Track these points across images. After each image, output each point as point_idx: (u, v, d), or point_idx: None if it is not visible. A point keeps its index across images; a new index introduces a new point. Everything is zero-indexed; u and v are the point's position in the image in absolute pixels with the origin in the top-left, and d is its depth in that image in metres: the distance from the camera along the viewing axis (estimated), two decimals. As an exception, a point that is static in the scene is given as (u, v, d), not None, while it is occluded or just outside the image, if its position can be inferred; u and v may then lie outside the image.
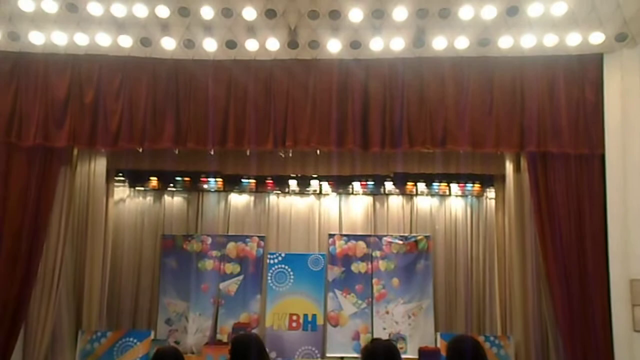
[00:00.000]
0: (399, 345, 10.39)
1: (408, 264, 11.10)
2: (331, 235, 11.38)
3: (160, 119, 8.80)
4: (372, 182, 11.28)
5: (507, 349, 9.61)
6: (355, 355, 10.06)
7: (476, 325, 10.80)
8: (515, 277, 9.73)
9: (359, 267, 11.20)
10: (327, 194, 11.52)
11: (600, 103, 8.59)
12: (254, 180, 11.33)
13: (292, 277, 11.17)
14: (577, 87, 8.64)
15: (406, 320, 10.86)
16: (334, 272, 11.20)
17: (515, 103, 8.65)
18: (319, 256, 11.28)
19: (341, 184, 11.35)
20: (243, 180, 11.32)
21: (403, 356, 9.67)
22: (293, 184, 11.36)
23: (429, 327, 10.75)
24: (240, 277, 11.19)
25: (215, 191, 11.45)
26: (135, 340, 9.72)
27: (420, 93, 8.72)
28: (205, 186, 11.33)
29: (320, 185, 11.41)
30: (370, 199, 11.48)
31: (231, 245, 11.32)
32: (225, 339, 10.45)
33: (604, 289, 8.35)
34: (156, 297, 10.99)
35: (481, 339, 9.92)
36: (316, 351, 10.74)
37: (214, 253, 11.26)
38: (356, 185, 11.34)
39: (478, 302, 10.95)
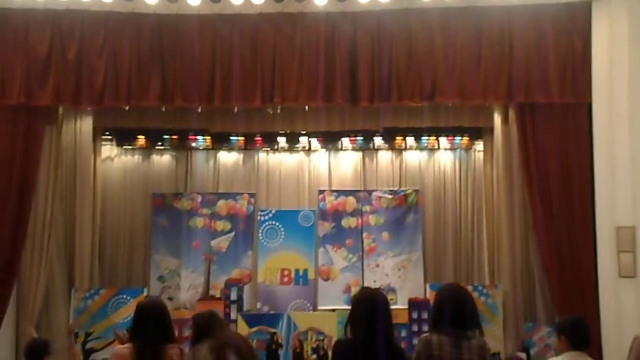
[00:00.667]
0: (389, 297, 10.56)
1: (397, 217, 11.17)
2: (321, 191, 11.40)
3: (146, 75, 8.70)
4: (361, 138, 11.24)
5: (495, 297, 9.77)
6: (347, 307, 10.21)
7: (465, 276, 10.93)
8: (503, 228, 9.86)
9: (349, 222, 11.27)
10: (317, 150, 11.49)
11: (588, 52, 8.56)
12: (242, 138, 11.25)
13: (282, 233, 11.23)
14: (565, 36, 8.59)
15: (396, 272, 10.99)
16: (325, 227, 11.27)
17: (504, 54, 8.62)
18: (309, 212, 11.33)
19: (330, 140, 11.32)
20: (231, 137, 11.25)
21: (393, 306, 9.86)
22: (282, 140, 11.31)
23: (418, 278, 10.88)
24: (231, 234, 11.23)
25: (204, 149, 11.38)
26: (128, 297, 9.81)
27: (409, 45, 8.65)
28: (193, 144, 11.25)
29: (310, 141, 11.36)
30: (359, 154, 11.48)
31: (221, 202, 11.33)
32: (218, 295, 10.56)
33: (590, 237, 8.49)
34: (148, 255, 11.03)
35: (470, 288, 10.09)
36: (308, 304, 10.88)
37: (205, 211, 11.27)
38: (345, 141, 11.30)
39: (466, 253, 11.07)
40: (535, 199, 8.72)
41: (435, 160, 11.45)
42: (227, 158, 11.54)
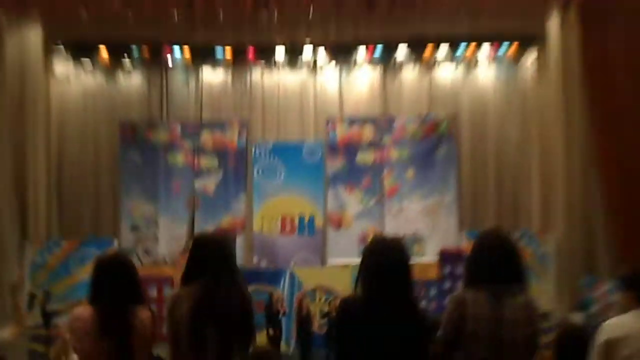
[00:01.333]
0: (415, 248, 10.66)
1: (426, 150, 11.13)
2: (330, 119, 11.34)
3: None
4: (381, 50, 11.01)
5: (547, 247, 9.79)
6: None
7: (509, 222, 10.92)
8: (558, 162, 9.77)
9: (365, 156, 11.25)
10: (324, 67, 11.33)
11: None
12: (230, 51, 11.04)
13: (283, 171, 11.25)
14: None
15: (424, 218, 11.03)
16: (335, 163, 11.26)
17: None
18: (316, 145, 11.32)
19: (341, 53, 11.14)
20: (217, 51, 11.04)
21: (420, 259, 10.01)
22: (281, 54, 11.09)
23: (451, 225, 10.93)
24: (219, 173, 11.25)
25: (183, 66, 11.25)
26: (96, 250, 9.70)
27: None
28: (169, 59, 11.08)
29: (315, 55, 11.14)
30: (378, 71, 11.33)
31: (206, 133, 11.30)
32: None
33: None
34: (118, 199, 11.09)
35: (515, 236, 10.10)
36: (315, 258, 10.99)
37: (185, 144, 11.26)
38: (360, 54, 11.11)
39: (512, 193, 11.04)
40: (601, 125, 8.56)
41: (473, 77, 11.30)
42: (212, 77, 11.44)
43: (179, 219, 11.10)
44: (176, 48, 10.95)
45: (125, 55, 11.03)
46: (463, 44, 10.83)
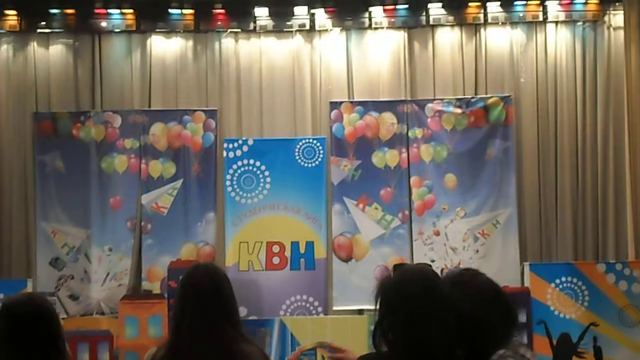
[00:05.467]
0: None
1: (472, 148, 11.14)
2: (335, 105, 11.35)
3: None
4: (406, 6, 11.08)
5: (646, 283, 9.84)
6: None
7: (592, 249, 10.97)
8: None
9: (385, 157, 11.24)
10: (326, 30, 11.38)
11: None
12: (190, 11, 11.13)
13: (267, 179, 11.24)
14: None
15: (471, 244, 11.02)
16: (342, 168, 11.26)
17: None
18: (315, 142, 11.31)
19: (350, 12, 11.20)
20: (171, 10, 11.13)
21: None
22: (262, 14, 11.16)
23: (510, 254, 10.92)
24: (177, 183, 11.27)
25: (123, 32, 11.31)
26: (2, 296, 9.85)
27: None
28: (103, 24, 11.15)
29: (312, 15, 11.22)
30: (402, 35, 11.37)
31: (158, 128, 11.32)
32: (156, 289, 10.64)
33: None
34: (32, 222, 11.13)
35: (599, 268, 10.08)
36: (316, 303, 10.96)
37: (128, 143, 11.29)
38: (377, 13, 11.16)
39: (595, 208, 11.06)
40: None
41: (538, 43, 11.33)
42: (166, 48, 11.47)
43: (119, 250, 11.10)
44: (113, 9, 10.99)
45: (41, 17, 11.06)
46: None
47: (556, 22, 11.28)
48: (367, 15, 11.21)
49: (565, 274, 10.08)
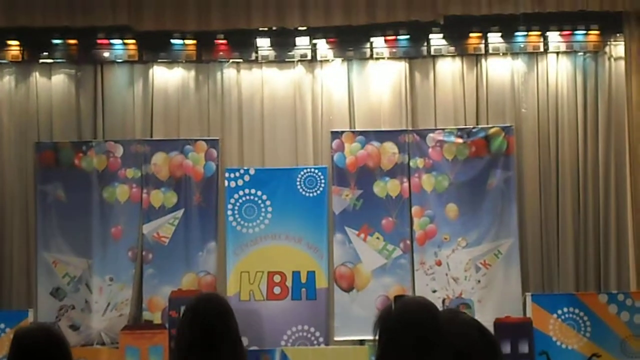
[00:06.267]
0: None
1: (473, 178, 11.17)
2: (337, 134, 11.39)
3: None
4: (407, 36, 11.13)
5: (649, 314, 9.82)
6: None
7: (593, 280, 10.96)
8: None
9: (386, 186, 11.26)
10: (327, 61, 11.46)
11: None
12: (192, 41, 11.19)
13: (269, 209, 11.26)
14: None
15: (472, 274, 11.02)
16: (344, 197, 11.28)
17: None
18: (316, 171, 11.33)
19: (351, 43, 11.26)
20: (173, 41, 11.19)
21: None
22: (264, 44, 11.23)
23: (512, 284, 10.91)
24: (179, 213, 11.29)
25: (125, 62, 11.38)
26: (3, 326, 9.94)
27: None
28: (106, 54, 11.21)
29: (314, 45, 11.28)
30: (403, 66, 11.43)
31: (159, 157, 11.36)
32: (157, 319, 10.60)
33: None
34: (33, 252, 11.12)
35: (601, 299, 10.09)
36: (317, 333, 10.93)
37: (130, 173, 11.31)
38: (378, 44, 11.22)
39: (596, 240, 11.07)
40: None
41: (539, 73, 11.38)
42: (168, 78, 11.53)
43: (120, 280, 11.10)
44: (116, 39, 11.02)
45: (44, 48, 11.13)
46: (522, 30, 11.00)
47: (557, 53, 11.33)
48: (368, 45, 11.28)
49: (567, 305, 10.10)
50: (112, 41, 11.14)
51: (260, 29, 11.03)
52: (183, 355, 3.73)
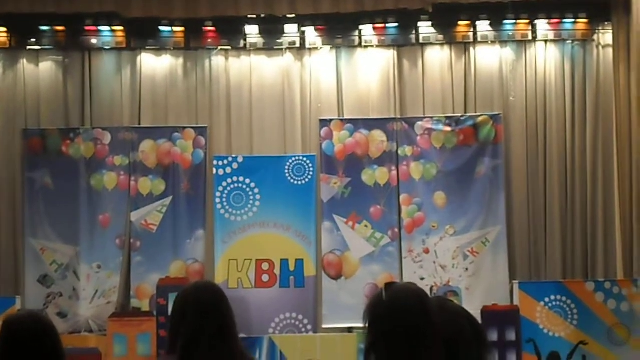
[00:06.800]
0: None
1: (461, 166, 11.19)
2: (325, 122, 11.41)
3: None
4: (395, 24, 11.14)
5: (634, 301, 9.85)
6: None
7: (581, 268, 10.99)
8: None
9: (374, 175, 11.29)
10: (316, 49, 11.45)
11: None
12: (180, 28, 11.19)
13: (257, 197, 11.28)
14: None
15: (460, 262, 11.05)
16: (332, 185, 11.30)
17: None
18: (305, 159, 11.36)
19: (340, 30, 11.27)
20: (162, 28, 11.19)
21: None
22: (252, 32, 11.23)
23: (499, 272, 10.95)
24: (167, 201, 11.29)
25: (113, 49, 11.36)
26: None
27: None
28: (93, 41, 11.20)
29: (303, 33, 11.29)
30: (391, 54, 11.43)
31: (147, 145, 11.35)
32: (145, 307, 10.60)
33: None
34: (20, 239, 11.13)
35: (588, 287, 10.16)
36: (305, 321, 10.98)
37: (118, 160, 11.31)
38: (366, 32, 11.23)
39: (585, 226, 11.11)
40: None
41: (528, 61, 11.39)
42: (155, 65, 11.52)
43: (108, 267, 11.10)
44: (103, 26, 11.01)
45: (31, 34, 11.11)
46: (510, 18, 11.04)
47: (545, 41, 11.34)
48: (357, 33, 11.28)
49: (554, 293, 10.14)
50: (100, 28, 11.14)
51: (249, 16, 11.03)
52: (187, 344, 3.72)
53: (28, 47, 11.31)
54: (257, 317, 10.95)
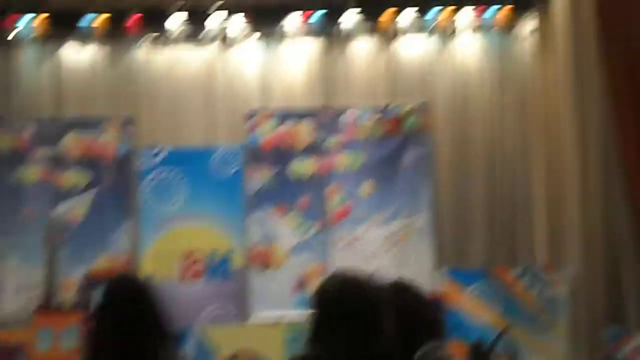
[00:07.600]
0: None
1: (387, 155, 11.29)
2: (251, 114, 11.42)
3: None
4: (321, 13, 11.23)
5: (557, 286, 10.03)
6: (301, 314, 10.33)
7: (505, 253, 11.13)
8: (570, 171, 10.05)
9: (301, 166, 11.35)
10: (241, 39, 11.44)
11: None
12: (104, 16, 11.10)
13: (183, 189, 11.27)
14: None
15: (387, 250, 11.17)
16: (259, 176, 11.33)
17: None
18: (231, 151, 11.37)
19: (265, 19, 11.29)
20: (86, 17, 11.09)
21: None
22: (177, 22, 11.20)
23: (425, 260, 11.08)
24: (91, 193, 11.23)
25: (36, 39, 11.21)
26: None
27: None
28: (14, 32, 11.06)
29: (228, 23, 11.28)
30: (317, 43, 11.49)
31: (71, 137, 11.26)
32: (70, 300, 10.56)
33: None
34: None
35: (512, 273, 10.34)
36: (234, 312, 11.00)
37: (40, 152, 11.20)
38: (292, 21, 11.28)
39: (508, 214, 11.27)
40: (624, 115, 8.78)
41: (451, 51, 11.50)
42: (78, 56, 11.43)
43: (32, 260, 11.01)
44: (24, 15, 10.91)
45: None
46: (434, 6, 11.08)
47: (470, 29, 11.42)
48: (283, 23, 11.29)
49: (479, 279, 10.30)
50: (22, 17, 10.99)
51: (174, 5, 11.00)
52: (110, 336, 3.73)
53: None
54: (185, 309, 10.87)
